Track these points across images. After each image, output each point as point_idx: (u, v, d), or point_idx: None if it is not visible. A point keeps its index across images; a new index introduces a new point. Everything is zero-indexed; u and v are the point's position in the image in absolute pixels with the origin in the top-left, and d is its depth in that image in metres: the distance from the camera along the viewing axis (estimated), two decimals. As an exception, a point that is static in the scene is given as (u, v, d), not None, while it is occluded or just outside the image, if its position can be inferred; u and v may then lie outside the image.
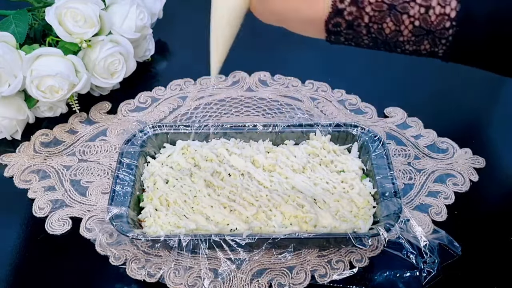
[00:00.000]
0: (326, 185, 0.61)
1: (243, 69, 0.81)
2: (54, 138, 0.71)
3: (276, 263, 0.56)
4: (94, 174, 0.66)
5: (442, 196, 0.63)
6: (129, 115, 0.74)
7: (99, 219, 0.60)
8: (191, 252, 0.54)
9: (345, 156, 0.64)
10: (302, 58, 0.84)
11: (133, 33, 0.74)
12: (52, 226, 0.60)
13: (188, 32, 0.91)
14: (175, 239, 0.53)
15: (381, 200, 0.58)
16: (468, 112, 0.77)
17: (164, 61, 0.85)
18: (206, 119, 0.73)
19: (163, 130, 0.66)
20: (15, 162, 0.67)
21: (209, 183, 0.60)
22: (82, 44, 0.69)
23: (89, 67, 0.71)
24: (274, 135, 0.66)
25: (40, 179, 0.65)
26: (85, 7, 0.69)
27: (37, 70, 0.66)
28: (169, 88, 0.78)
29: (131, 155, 0.62)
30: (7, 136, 0.70)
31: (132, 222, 0.56)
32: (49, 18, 0.68)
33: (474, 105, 0.77)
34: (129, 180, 0.60)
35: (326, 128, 0.66)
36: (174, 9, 0.91)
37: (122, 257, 0.56)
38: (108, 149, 0.69)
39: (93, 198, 0.63)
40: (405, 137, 0.70)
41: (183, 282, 0.54)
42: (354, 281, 0.54)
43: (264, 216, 0.57)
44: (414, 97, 0.78)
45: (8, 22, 0.70)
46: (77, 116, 0.74)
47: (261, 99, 0.76)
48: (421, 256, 0.54)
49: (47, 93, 0.67)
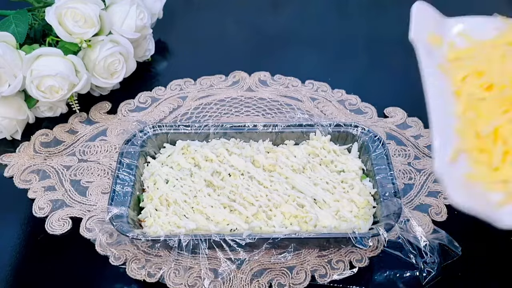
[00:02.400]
0: (326, 185, 0.60)
1: (243, 69, 0.81)
2: (54, 138, 0.71)
3: (276, 263, 0.56)
4: (94, 174, 0.66)
5: (442, 196, 0.63)
6: (129, 115, 0.74)
7: (99, 219, 0.60)
8: (191, 252, 0.54)
9: (345, 156, 0.64)
10: (302, 58, 0.84)
11: (133, 33, 0.74)
12: (52, 226, 0.60)
13: (188, 32, 0.91)
14: (175, 239, 0.53)
15: (381, 200, 0.58)
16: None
17: (164, 61, 0.85)
18: (206, 119, 0.73)
19: (163, 130, 0.66)
20: (15, 162, 0.67)
21: (209, 183, 0.60)
22: (82, 44, 0.69)
23: (89, 67, 0.71)
24: (274, 135, 0.66)
25: (40, 179, 0.65)
26: (85, 7, 0.69)
27: (37, 70, 0.66)
28: (169, 88, 0.78)
29: (131, 155, 0.62)
30: (7, 136, 0.70)
31: (132, 222, 0.56)
32: (49, 18, 0.68)
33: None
34: (129, 180, 0.60)
35: (326, 128, 0.66)
36: (174, 9, 0.91)
37: (122, 257, 0.56)
38: (108, 149, 0.69)
39: (93, 198, 0.63)
40: (405, 137, 0.70)
41: (183, 282, 0.54)
42: (354, 281, 0.54)
43: (264, 216, 0.57)
44: (414, 97, 0.77)
45: (8, 22, 0.70)
46: (77, 116, 0.74)
47: (261, 99, 0.76)
48: (421, 256, 0.54)
49: (47, 93, 0.67)
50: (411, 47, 0.87)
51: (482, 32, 0.51)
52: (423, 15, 0.51)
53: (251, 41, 0.88)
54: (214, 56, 0.85)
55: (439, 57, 0.50)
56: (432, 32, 0.50)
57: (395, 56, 0.83)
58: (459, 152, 0.42)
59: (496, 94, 0.43)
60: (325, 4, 0.97)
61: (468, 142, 0.42)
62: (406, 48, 0.84)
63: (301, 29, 0.90)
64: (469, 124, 0.43)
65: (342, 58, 0.83)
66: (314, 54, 0.84)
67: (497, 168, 0.40)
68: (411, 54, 0.87)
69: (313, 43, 0.87)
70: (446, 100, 0.45)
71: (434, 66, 0.47)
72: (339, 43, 0.87)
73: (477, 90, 0.45)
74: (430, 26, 0.51)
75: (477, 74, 0.47)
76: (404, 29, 0.51)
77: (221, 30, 0.90)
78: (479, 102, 0.43)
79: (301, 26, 0.90)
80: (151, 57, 0.83)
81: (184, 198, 0.59)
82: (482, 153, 0.42)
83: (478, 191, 0.40)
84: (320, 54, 0.83)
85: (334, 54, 0.85)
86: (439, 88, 0.45)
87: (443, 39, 0.51)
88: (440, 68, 0.48)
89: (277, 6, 0.97)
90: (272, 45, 0.86)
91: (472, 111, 0.43)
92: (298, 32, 0.89)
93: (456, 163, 0.41)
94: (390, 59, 0.83)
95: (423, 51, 0.49)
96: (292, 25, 0.91)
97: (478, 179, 0.40)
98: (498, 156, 0.40)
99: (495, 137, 0.41)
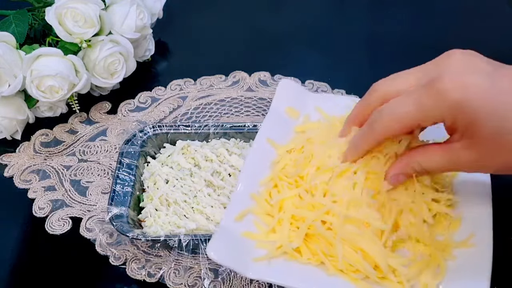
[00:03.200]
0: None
1: (243, 69, 0.81)
2: (54, 138, 0.71)
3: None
4: (94, 174, 0.66)
5: (442, 196, 0.63)
6: (129, 115, 0.74)
7: (99, 219, 0.60)
8: (191, 252, 0.54)
9: (345, 156, 0.64)
10: (302, 58, 0.84)
11: (133, 33, 0.74)
12: (52, 226, 0.60)
13: (188, 32, 0.91)
14: (175, 239, 0.53)
15: (381, 200, 0.57)
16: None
17: (164, 61, 0.85)
18: (206, 119, 0.73)
19: (163, 130, 0.66)
20: (15, 162, 0.67)
21: (209, 183, 0.60)
22: (82, 44, 0.69)
23: (89, 67, 0.71)
24: (274, 135, 0.66)
25: (40, 179, 0.65)
26: (85, 7, 0.69)
27: (37, 70, 0.66)
28: (169, 88, 0.78)
29: (131, 155, 0.62)
30: (7, 136, 0.70)
31: (132, 222, 0.56)
32: (49, 18, 0.68)
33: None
34: (129, 180, 0.60)
35: (326, 128, 0.66)
36: (174, 9, 0.91)
37: (122, 257, 0.56)
38: (108, 149, 0.69)
39: (93, 198, 0.63)
40: (405, 137, 0.70)
41: (183, 282, 0.54)
42: (354, 281, 0.54)
43: (264, 216, 0.57)
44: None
45: (8, 22, 0.70)
46: (77, 116, 0.74)
47: (261, 99, 0.76)
48: (421, 256, 0.54)
49: (47, 93, 0.67)
50: (411, 47, 0.87)
51: (334, 108, 0.58)
52: (286, 90, 0.59)
53: (251, 41, 0.88)
54: (214, 56, 0.85)
55: (290, 127, 0.57)
56: (290, 106, 0.58)
57: (395, 56, 0.83)
58: (247, 213, 0.50)
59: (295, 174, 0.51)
60: (325, 4, 0.97)
61: (259, 207, 0.50)
62: (406, 48, 0.85)
63: (301, 29, 0.90)
64: (266, 192, 0.51)
65: (342, 58, 0.83)
66: (314, 54, 0.84)
67: (273, 230, 0.48)
68: (411, 54, 0.87)
69: (313, 43, 0.87)
70: (261, 168, 0.53)
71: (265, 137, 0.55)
72: (339, 43, 0.87)
73: (288, 166, 0.52)
74: (290, 100, 0.59)
75: (298, 151, 0.54)
76: (404, 29, 0.52)
77: (221, 30, 0.90)
78: (282, 176, 0.52)
79: (301, 26, 0.90)
80: (151, 57, 0.83)
81: (184, 198, 0.59)
82: (267, 216, 0.50)
83: (246, 248, 0.47)
84: (320, 54, 0.83)
85: (334, 54, 0.85)
86: (261, 156, 0.54)
87: (301, 112, 0.58)
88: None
89: (277, 6, 0.97)
90: (272, 45, 0.86)
91: (274, 181, 0.52)
92: (298, 32, 0.89)
93: (241, 221, 0.49)
94: (390, 59, 0.83)
95: (270, 121, 0.56)
96: (292, 25, 0.91)
97: (254, 237, 0.48)
98: (276, 220, 0.48)
99: (280, 206, 0.49)
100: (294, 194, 0.49)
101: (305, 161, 0.51)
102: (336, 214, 0.46)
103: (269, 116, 0.57)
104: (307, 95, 0.60)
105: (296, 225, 0.48)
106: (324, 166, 0.50)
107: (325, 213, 0.47)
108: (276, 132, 0.55)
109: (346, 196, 0.47)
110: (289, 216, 0.48)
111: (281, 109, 0.58)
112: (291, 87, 0.60)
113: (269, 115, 0.57)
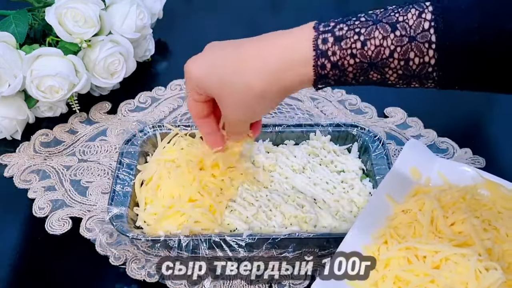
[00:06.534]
0: (326, 185, 0.60)
1: (243, 69, 0.80)
2: (54, 138, 0.71)
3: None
4: (94, 174, 0.66)
5: (442, 196, 0.63)
6: (129, 115, 0.74)
7: (99, 219, 0.60)
8: (191, 252, 0.54)
9: (345, 156, 0.64)
10: (302, 58, 0.84)
11: (133, 33, 0.74)
12: (52, 226, 0.60)
13: (188, 32, 0.91)
14: (175, 239, 0.53)
15: (381, 200, 0.57)
16: (468, 112, 0.77)
17: (164, 61, 0.85)
18: (206, 119, 0.73)
19: (163, 130, 0.66)
20: (15, 162, 0.67)
21: (209, 183, 0.60)
22: (82, 44, 0.69)
23: (89, 67, 0.71)
24: (274, 135, 0.66)
25: (40, 179, 0.65)
26: (85, 7, 0.69)
27: (37, 70, 0.66)
28: (169, 88, 0.78)
29: (131, 155, 0.62)
30: (7, 136, 0.70)
31: (132, 222, 0.56)
32: (49, 18, 0.68)
33: (474, 105, 0.77)
34: (129, 180, 0.60)
35: (326, 128, 0.66)
36: (174, 9, 0.91)
37: (122, 257, 0.56)
38: (108, 149, 0.69)
39: (93, 198, 0.63)
40: (405, 137, 0.70)
41: (183, 282, 0.54)
42: (354, 281, 0.54)
43: (264, 216, 0.57)
44: (414, 97, 0.78)
45: (8, 22, 0.70)
46: (77, 116, 0.74)
47: (261, 99, 0.76)
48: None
49: (47, 93, 0.67)
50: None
51: (456, 176, 0.58)
52: (414, 151, 0.59)
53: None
54: (214, 56, 0.85)
55: (410, 187, 0.57)
56: (415, 166, 0.59)
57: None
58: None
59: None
60: (325, 4, 0.97)
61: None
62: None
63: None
64: (375, 246, 0.52)
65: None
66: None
67: (376, 284, 0.49)
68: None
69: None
70: (374, 220, 0.53)
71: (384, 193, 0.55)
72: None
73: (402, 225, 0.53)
74: (416, 160, 0.59)
75: (414, 215, 0.54)
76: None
77: (221, 30, 0.90)
78: (394, 234, 0.52)
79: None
80: (151, 57, 0.83)
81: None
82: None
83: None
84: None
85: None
86: (377, 209, 0.54)
87: (423, 174, 0.59)
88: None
89: (277, 6, 0.97)
90: (272, 45, 0.86)
91: (385, 238, 0.52)
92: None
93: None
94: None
95: (392, 177, 0.56)
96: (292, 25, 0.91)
97: (357, 286, 0.49)
98: (380, 275, 0.49)
99: (386, 263, 0.50)
100: (403, 256, 0.49)
101: (419, 225, 0.52)
102: (442, 285, 0.47)
103: (392, 172, 0.57)
104: (434, 159, 0.60)
105: (398, 285, 0.48)
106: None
107: (430, 281, 0.47)
108: (396, 189, 0.56)
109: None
110: (393, 275, 0.49)
111: (405, 168, 0.58)
112: (419, 148, 0.60)
113: (392, 171, 0.57)
